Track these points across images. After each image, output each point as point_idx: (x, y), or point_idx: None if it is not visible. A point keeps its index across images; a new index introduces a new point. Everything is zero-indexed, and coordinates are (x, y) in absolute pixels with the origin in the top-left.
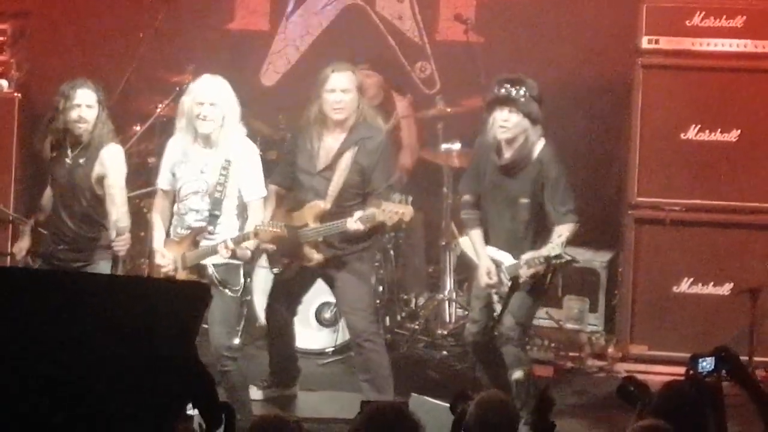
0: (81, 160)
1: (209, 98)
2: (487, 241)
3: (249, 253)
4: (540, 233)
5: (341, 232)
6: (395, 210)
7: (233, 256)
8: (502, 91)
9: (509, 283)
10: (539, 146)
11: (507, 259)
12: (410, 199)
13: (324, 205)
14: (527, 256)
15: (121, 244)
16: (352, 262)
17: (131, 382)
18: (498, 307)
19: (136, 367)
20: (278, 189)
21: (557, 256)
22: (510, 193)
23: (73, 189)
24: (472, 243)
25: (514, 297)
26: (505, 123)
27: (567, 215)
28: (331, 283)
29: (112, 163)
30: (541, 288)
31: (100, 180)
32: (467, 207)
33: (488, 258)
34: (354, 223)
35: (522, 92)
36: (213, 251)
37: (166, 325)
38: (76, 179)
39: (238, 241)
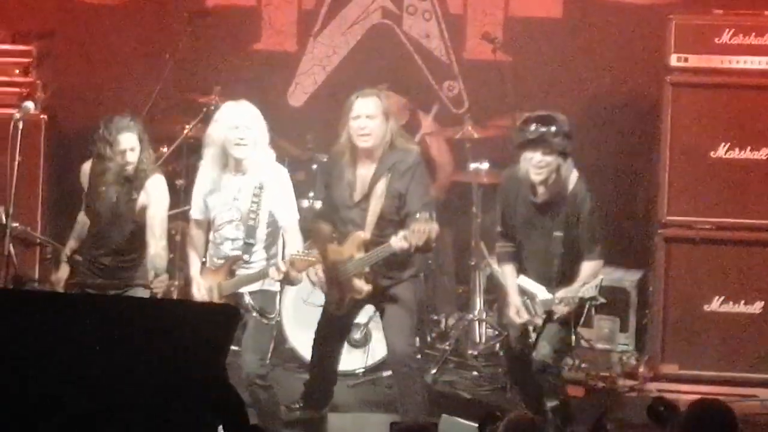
0: (128, 193)
1: (245, 122)
2: (522, 271)
3: (302, 277)
4: (572, 265)
5: (388, 256)
6: (420, 228)
7: (286, 278)
8: (532, 131)
9: (543, 316)
10: (573, 179)
11: (541, 291)
12: (434, 215)
13: (364, 235)
14: (561, 294)
15: (159, 285)
16: (400, 292)
17: (162, 403)
18: (533, 336)
19: (167, 389)
20: (323, 225)
21: (592, 298)
22: (544, 227)
23: (117, 221)
24: (504, 278)
25: (548, 326)
26: (539, 165)
27: (595, 252)
28: (380, 311)
29: (154, 192)
30: (576, 321)
31: (143, 210)
32: (501, 239)
33: (518, 296)
34: (399, 241)
35: (553, 129)
36: (263, 275)
37: (197, 347)
38: (121, 212)
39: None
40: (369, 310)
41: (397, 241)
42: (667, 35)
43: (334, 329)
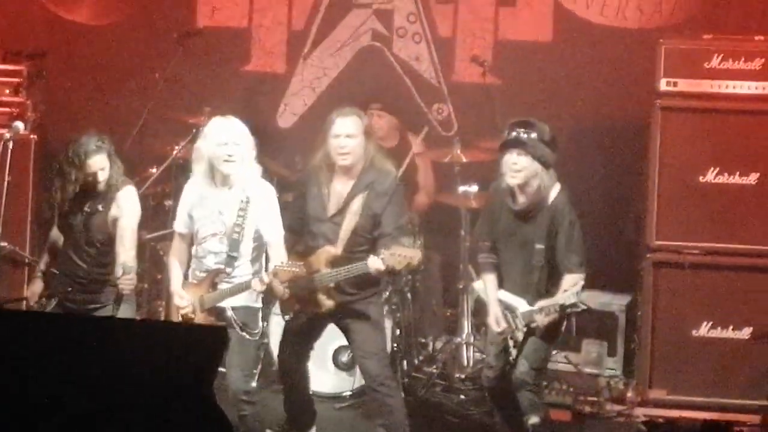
0: (99, 206)
1: (233, 138)
2: (502, 285)
3: (285, 290)
4: (553, 278)
5: (359, 275)
6: (403, 254)
7: (269, 290)
8: (513, 134)
9: (524, 329)
10: (554, 192)
11: (521, 304)
12: (419, 242)
13: (335, 250)
14: (542, 303)
15: (127, 282)
16: (363, 308)
17: (150, 426)
18: (514, 352)
19: (153, 412)
20: (288, 235)
21: (573, 305)
22: (525, 238)
23: (89, 234)
24: (485, 287)
25: (528, 342)
26: (515, 166)
27: (576, 265)
28: (344, 329)
29: (125, 204)
30: (555, 334)
31: (115, 221)
32: (484, 251)
33: (498, 305)
34: (376, 262)
35: (533, 136)
36: (245, 287)
37: (183, 370)
38: (93, 224)
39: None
40: None
41: (375, 262)
42: (657, 59)
43: (291, 342)
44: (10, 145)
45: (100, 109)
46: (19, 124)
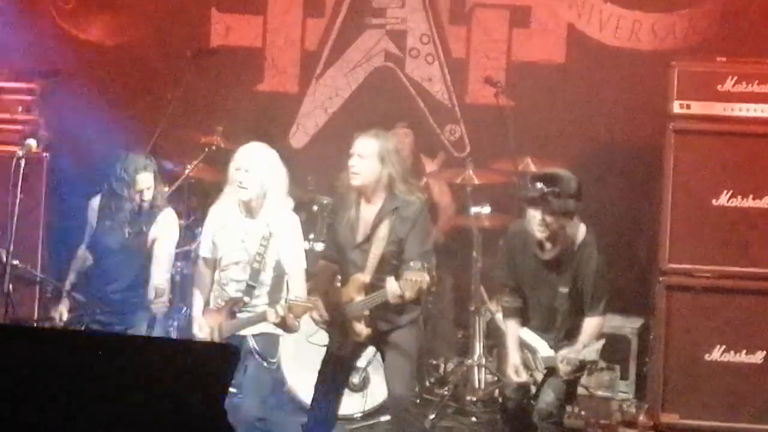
0: (141, 228)
1: (245, 165)
2: (525, 323)
3: (298, 324)
4: (576, 321)
5: (383, 302)
6: (412, 278)
7: (282, 324)
8: (537, 191)
9: (544, 371)
10: (581, 235)
11: (543, 347)
12: (427, 266)
13: (364, 277)
14: (564, 353)
15: (160, 305)
16: (399, 336)
17: None
18: (533, 389)
19: (166, 427)
20: (329, 264)
21: (593, 362)
22: (550, 282)
23: (128, 256)
24: (506, 333)
25: (551, 379)
26: (541, 224)
27: (599, 309)
28: (381, 352)
29: (165, 227)
30: (577, 379)
31: (153, 243)
32: (507, 294)
33: (518, 352)
34: (394, 290)
35: (556, 191)
36: (261, 318)
37: (197, 386)
38: (134, 246)
39: (285, 310)
40: (368, 353)
41: (392, 288)
42: (670, 82)
43: (336, 369)
44: (23, 162)
45: (112, 127)
46: (32, 142)
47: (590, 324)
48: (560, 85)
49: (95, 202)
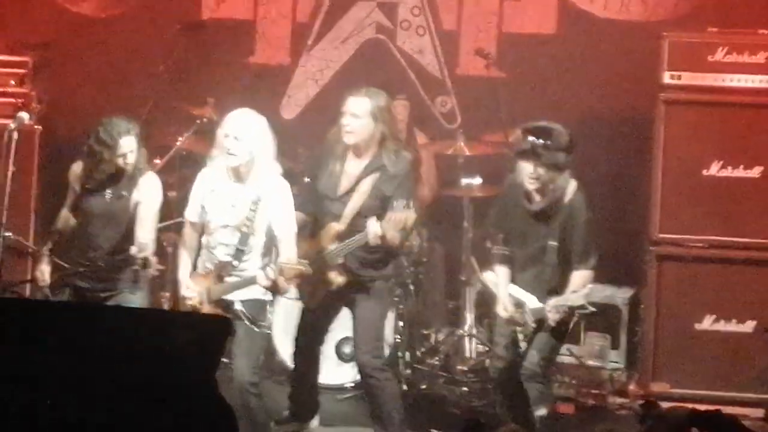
0: (123, 192)
1: (234, 132)
2: (513, 280)
3: (290, 287)
4: (564, 276)
5: (362, 246)
6: (397, 217)
7: (273, 287)
8: (528, 143)
9: (533, 325)
10: (571, 190)
11: (532, 300)
12: (412, 203)
13: (338, 226)
14: (553, 302)
15: (143, 259)
16: (373, 289)
17: (152, 413)
18: (523, 345)
19: (156, 399)
20: (303, 216)
21: (581, 307)
22: (538, 236)
23: (112, 220)
24: (496, 278)
25: (538, 336)
26: (531, 176)
27: (587, 263)
28: (353, 311)
29: (148, 190)
30: (564, 332)
31: (137, 206)
32: (497, 243)
33: (508, 295)
34: (374, 227)
35: (549, 143)
36: (251, 281)
37: (187, 358)
38: (116, 210)
39: (276, 273)
40: None
41: (373, 228)
42: (661, 53)
43: (308, 327)
44: (15, 135)
45: (104, 100)
46: (24, 115)
47: (577, 277)
48: (551, 56)
49: (77, 166)
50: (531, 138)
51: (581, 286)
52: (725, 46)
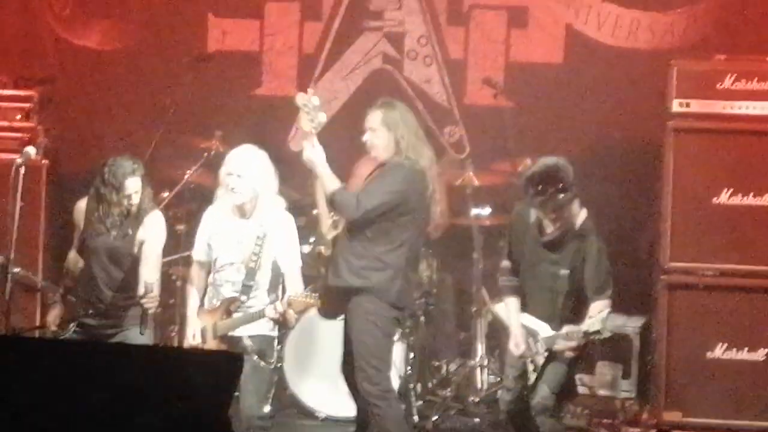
0: (129, 230)
1: (236, 170)
2: (524, 309)
3: (296, 320)
4: (577, 305)
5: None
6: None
7: (282, 320)
8: (533, 194)
9: (545, 354)
10: (581, 217)
11: (543, 329)
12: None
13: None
14: (567, 329)
15: (150, 300)
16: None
17: None
18: (533, 377)
19: None
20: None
21: (597, 332)
22: (551, 264)
23: (115, 258)
24: (507, 310)
25: (549, 367)
26: (546, 218)
27: (603, 293)
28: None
29: (152, 229)
30: (579, 359)
31: (141, 245)
32: (506, 273)
33: (520, 328)
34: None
35: (552, 191)
36: (259, 315)
37: (200, 396)
38: (121, 249)
39: (285, 306)
40: None
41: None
42: (669, 80)
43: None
44: (22, 170)
45: (111, 133)
46: (31, 150)
47: (595, 308)
48: (559, 85)
49: (82, 203)
50: (540, 186)
51: (598, 313)
52: (733, 74)
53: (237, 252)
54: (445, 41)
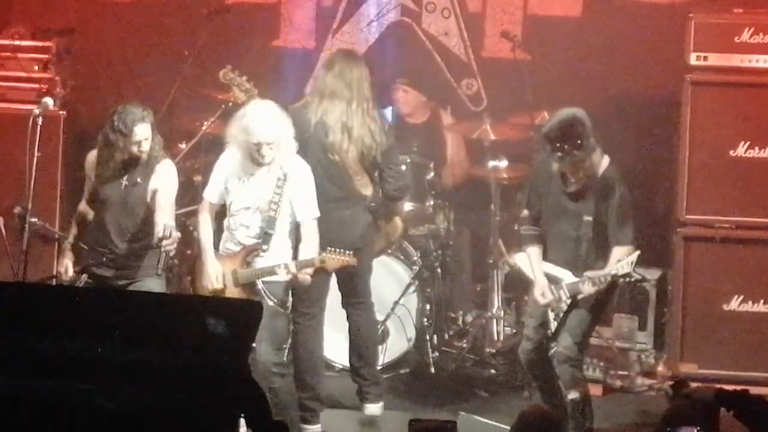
0: (138, 179)
1: (267, 139)
2: (546, 257)
3: (309, 278)
4: (600, 251)
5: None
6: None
7: (293, 280)
8: (554, 152)
9: (568, 301)
10: (604, 164)
11: (567, 276)
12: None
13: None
14: (591, 273)
15: (170, 242)
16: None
17: (185, 396)
18: (554, 325)
19: (189, 386)
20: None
21: (626, 275)
22: (574, 211)
23: (128, 207)
24: (529, 260)
25: (572, 315)
26: (569, 171)
27: (628, 238)
28: None
29: (165, 177)
30: (602, 306)
31: (154, 194)
32: (527, 222)
33: (544, 277)
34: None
35: (570, 146)
36: (270, 272)
37: (220, 343)
38: (133, 198)
39: (301, 266)
40: (386, 307)
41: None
42: (687, 34)
43: None
44: (40, 121)
45: (128, 85)
46: (49, 100)
47: (618, 253)
48: (577, 38)
49: (92, 155)
50: (559, 144)
51: (625, 256)
52: (751, 27)
53: (254, 197)
54: None
